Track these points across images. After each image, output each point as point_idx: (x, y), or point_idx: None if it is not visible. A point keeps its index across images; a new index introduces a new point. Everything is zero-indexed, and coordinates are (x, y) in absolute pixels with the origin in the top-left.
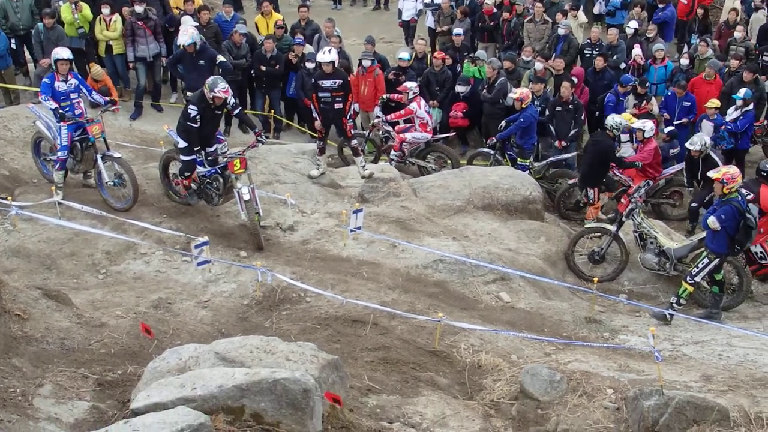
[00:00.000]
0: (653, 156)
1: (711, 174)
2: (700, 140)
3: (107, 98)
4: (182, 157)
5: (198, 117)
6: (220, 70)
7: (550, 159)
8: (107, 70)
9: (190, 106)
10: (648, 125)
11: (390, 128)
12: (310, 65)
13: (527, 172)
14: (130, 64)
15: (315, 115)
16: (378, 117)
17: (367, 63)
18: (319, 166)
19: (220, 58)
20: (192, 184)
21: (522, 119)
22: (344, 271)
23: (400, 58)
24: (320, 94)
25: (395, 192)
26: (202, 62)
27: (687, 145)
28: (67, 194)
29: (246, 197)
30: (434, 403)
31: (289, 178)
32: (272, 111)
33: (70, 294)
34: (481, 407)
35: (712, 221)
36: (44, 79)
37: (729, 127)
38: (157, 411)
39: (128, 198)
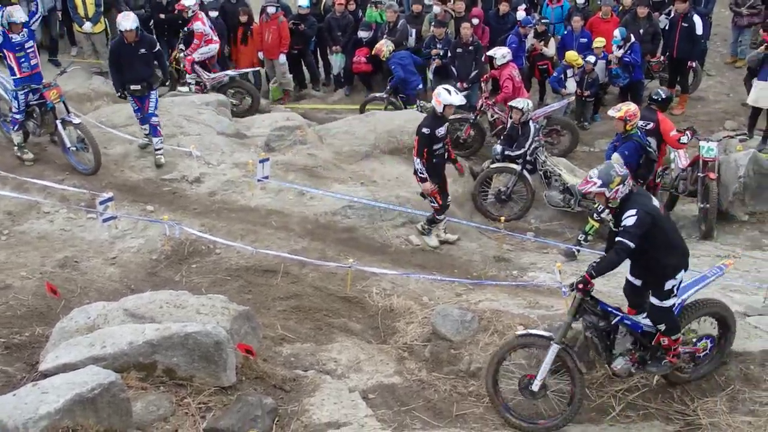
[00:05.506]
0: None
1: (612, 113)
2: (525, 104)
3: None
4: None
5: None
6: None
7: None
8: None
9: None
10: (498, 52)
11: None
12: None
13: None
14: None
15: (425, 175)
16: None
17: (271, 10)
18: (435, 233)
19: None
20: None
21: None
22: (253, 221)
23: (299, 6)
24: (434, 146)
25: (301, 140)
26: (143, 51)
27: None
28: None
29: None
30: (348, 349)
31: (194, 130)
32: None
33: None
34: (394, 350)
35: (617, 158)
36: None
37: (626, 59)
38: (66, 372)
39: (91, 162)
